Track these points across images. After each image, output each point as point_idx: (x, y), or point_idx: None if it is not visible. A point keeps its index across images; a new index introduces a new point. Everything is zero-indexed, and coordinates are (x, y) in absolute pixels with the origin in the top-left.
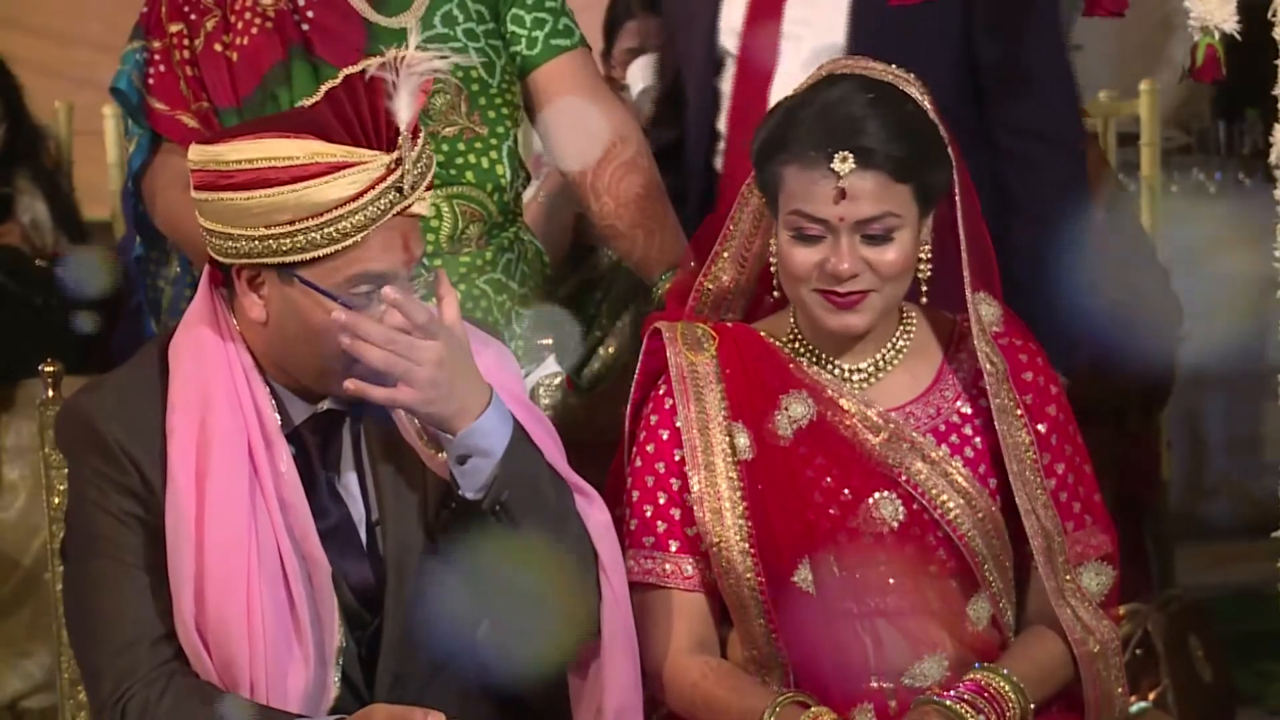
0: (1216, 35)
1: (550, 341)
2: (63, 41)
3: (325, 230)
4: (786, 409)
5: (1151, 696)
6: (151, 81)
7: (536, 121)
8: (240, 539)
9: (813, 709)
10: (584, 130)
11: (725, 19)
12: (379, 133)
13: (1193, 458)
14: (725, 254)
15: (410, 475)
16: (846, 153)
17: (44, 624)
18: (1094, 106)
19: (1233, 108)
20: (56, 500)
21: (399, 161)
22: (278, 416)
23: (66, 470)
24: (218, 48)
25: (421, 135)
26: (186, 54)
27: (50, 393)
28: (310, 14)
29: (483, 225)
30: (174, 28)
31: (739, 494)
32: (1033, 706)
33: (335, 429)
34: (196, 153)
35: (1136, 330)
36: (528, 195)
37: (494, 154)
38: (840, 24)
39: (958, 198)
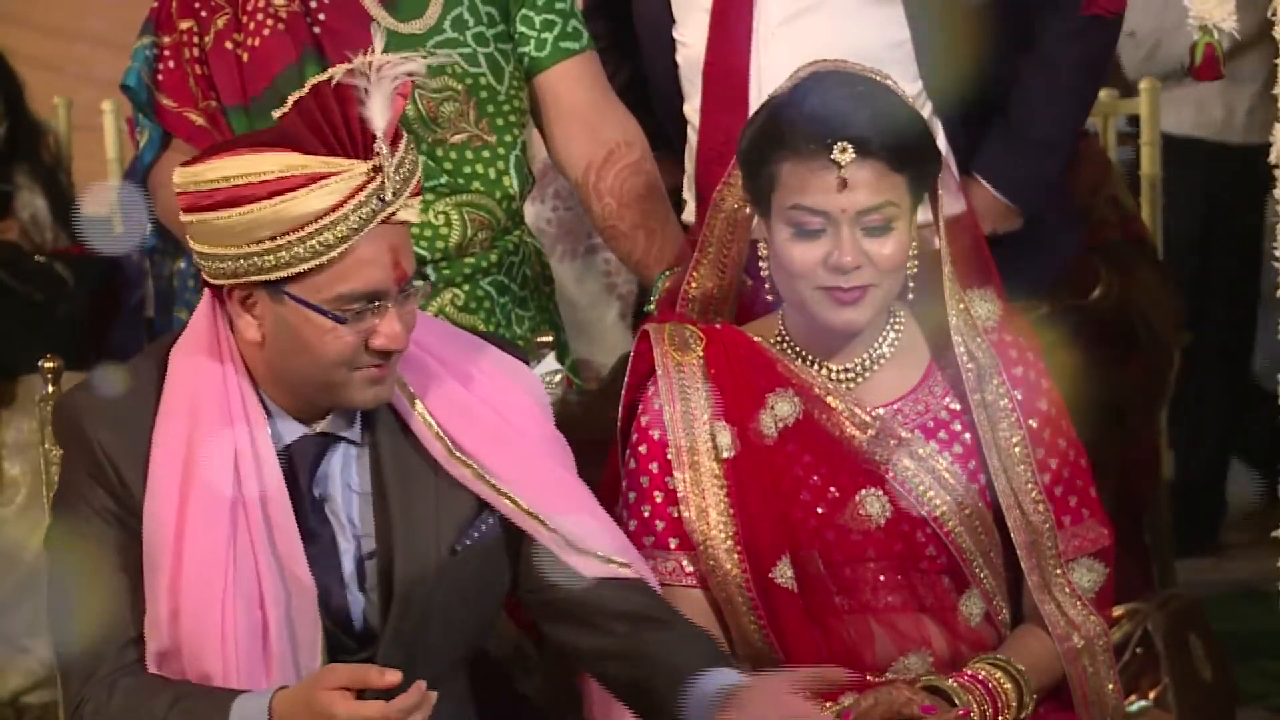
0: (1215, 34)
1: (550, 340)
2: (63, 37)
3: (307, 244)
4: (772, 408)
5: (1152, 695)
6: (160, 78)
7: (541, 123)
8: (218, 555)
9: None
10: (590, 133)
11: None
12: (354, 140)
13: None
14: (704, 261)
15: (422, 506)
16: (845, 143)
17: (44, 620)
18: (1093, 105)
19: None
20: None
21: (378, 169)
22: (269, 433)
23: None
24: (228, 46)
25: (404, 141)
26: (196, 51)
27: (50, 388)
28: (322, 16)
29: (491, 232)
30: (184, 24)
31: (724, 492)
32: (1034, 696)
33: (326, 452)
34: (179, 175)
35: None
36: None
37: (501, 164)
38: None
39: (941, 193)
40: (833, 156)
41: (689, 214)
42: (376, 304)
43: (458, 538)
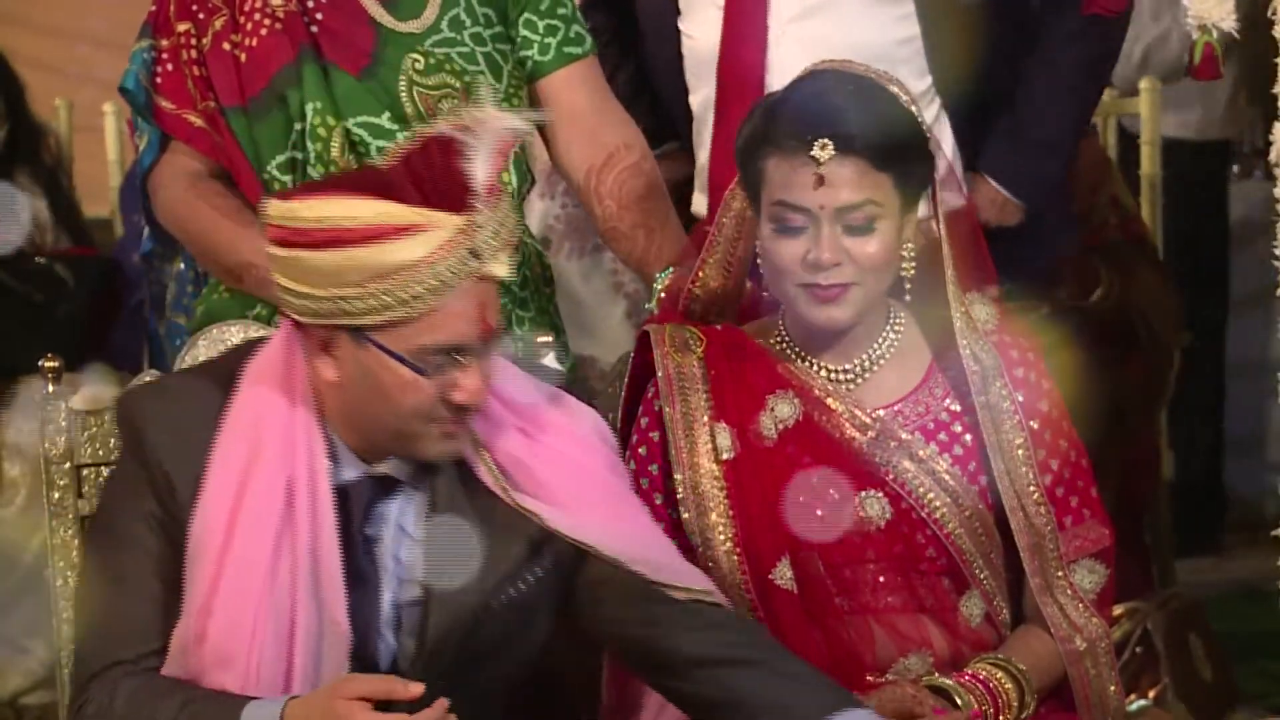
0: (1215, 34)
1: (550, 339)
2: (64, 38)
3: (395, 293)
4: (772, 409)
5: (1152, 695)
6: (159, 80)
7: (542, 127)
8: (255, 583)
9: None
10: (591, 137)
11: None
12: (452, 194)
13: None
14: (711, 260)
15: (474, 555)
16: (825, 139)
17: (44, 620)
18: (1096, 105)
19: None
20: (56, 496)
21: (474, 224)
22: (330, 467)
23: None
24: (226, 47)
25: (503, 196)
26: (194, 53)
27: (50, 389)
28: (319, 16)
29: None
30: (182, 27)
31: (723, 494)
32: (1035, 696)
33: (384, 494)
34: (275, 209)
35: None
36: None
37: None
38: None
39: (938, 195)
40: (812, 153)
41: (698, 205)
42: (459, 357)
43: (504, 588)
